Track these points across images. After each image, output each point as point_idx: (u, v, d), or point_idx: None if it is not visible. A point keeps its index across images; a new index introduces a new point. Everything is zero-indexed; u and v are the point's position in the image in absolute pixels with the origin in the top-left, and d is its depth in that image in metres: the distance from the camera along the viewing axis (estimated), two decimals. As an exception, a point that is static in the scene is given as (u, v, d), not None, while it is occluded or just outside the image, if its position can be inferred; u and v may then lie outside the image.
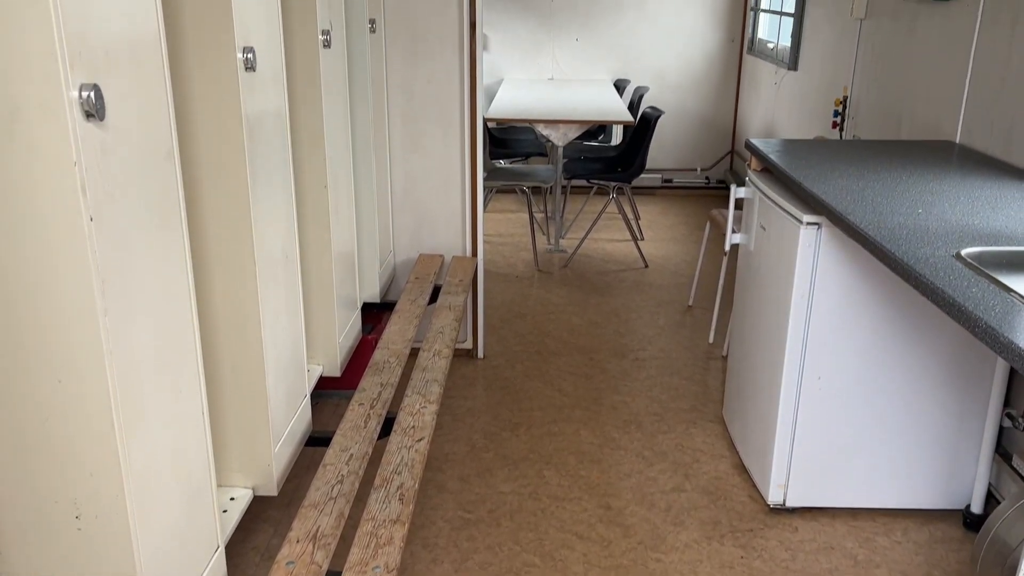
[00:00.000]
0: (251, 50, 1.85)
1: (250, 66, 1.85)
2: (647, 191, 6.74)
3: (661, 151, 6.72)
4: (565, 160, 5.36)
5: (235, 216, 1.94)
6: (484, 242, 5.36)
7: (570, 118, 4.95)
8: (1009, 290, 1.61)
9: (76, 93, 1.21)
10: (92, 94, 1.23)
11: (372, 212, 3.25)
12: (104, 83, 1.28)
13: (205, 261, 1.98)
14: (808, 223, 2.41)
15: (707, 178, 6.80)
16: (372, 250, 3.29)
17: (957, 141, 3.05)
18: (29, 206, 1.24)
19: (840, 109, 4.18)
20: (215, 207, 1.93)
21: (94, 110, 1.24)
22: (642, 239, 5.52)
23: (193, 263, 1.97)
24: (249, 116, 1.89)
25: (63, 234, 1.25)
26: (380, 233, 3.41)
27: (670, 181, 6.82)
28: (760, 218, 2.80)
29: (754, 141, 3.02)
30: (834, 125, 4.22)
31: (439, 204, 3.60)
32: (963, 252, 1.81)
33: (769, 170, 2.85)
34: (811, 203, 2.38)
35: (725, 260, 3.86)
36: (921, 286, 1.70)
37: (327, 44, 2.49)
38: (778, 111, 5.44)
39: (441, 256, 3.64)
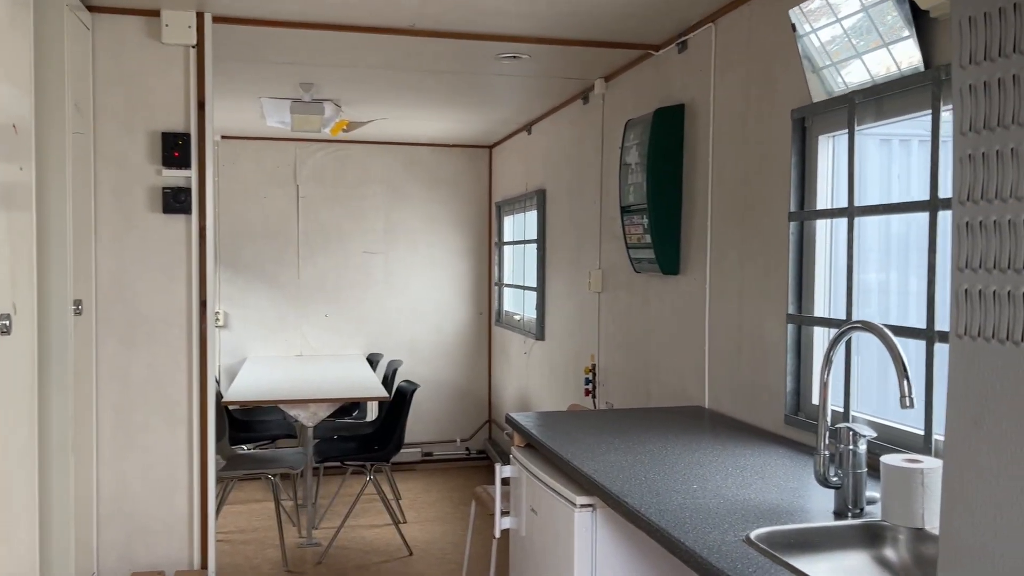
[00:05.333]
0: None
1: None
2: (407, 467, 6.40)
3: (419, 424, 6.50)
4: (316, 441, 4.94)
5: None
6: (221, 545, 4.65)
7: (320, 396, 4.62)
8: (812, 580, 1.44)
9: None
10: None
11: (67, 529, 2.61)
12: None
13: None
14: (582, 505, 2.21)
15: (467, 449, 6.62)
16: (65, 577, 2.60)
17: (706, 406, 3.10)
18: None
19: (590, 377, 4.24)
20: None
21: None
22: (404, 522, 5.09)
23: None
24: None
25: None
26: (79, 553, 2.74)
27: (430, 454, 6.55)
28: (529, 499, 2.57)
29: (514, 415, 2.86)
30: (587, 392, 4.26)
31: (160, 510, 3.02)
32: (752, 535, 1.66)
33: (534, 445, 2.67)
34: (583, 482, 2.19)
35: (495, 544, 3.54)
36: (720, 582, 1.49)
37: (6, 331, 2.05)
38: (531, 379, 5.50)
39: (161, 573, 2.99)
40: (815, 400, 2.48)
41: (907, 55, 2.07)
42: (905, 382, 1.55)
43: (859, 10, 2.13)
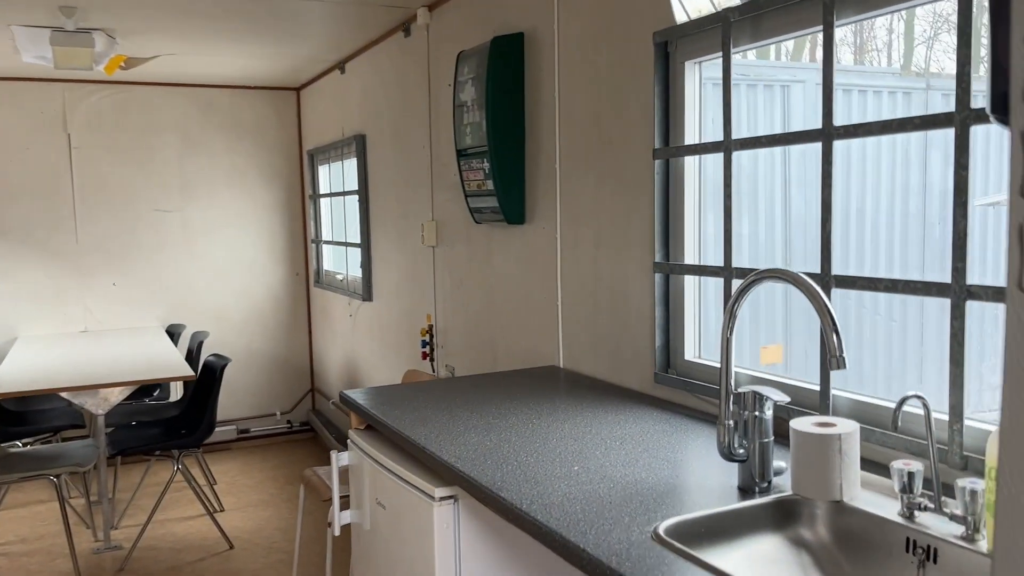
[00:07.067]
0: None
1: None
2: (221, 447, 5.79)
3: (232, 399, 5.89)
4: (111, 429, 4.27)
5: None
6: (-3, 560, 3.92)
7: (111, 380, 3.96)
8: (749, 586, 1.19)
9: None
10: None
11: None
12: None
13: None
14: (442, 498, 1.88)
15: (289, 422, 6.09)
16: None
17: (561, 366, 2.84)
18: None
19: (427, 339, 3.88)
20: None
21: None
22: (221, 511, 4.54)
23: None
24: None
25: None
26: None
27: (247, 431, 5.96)
28: (375, 491, 2.20)
29: (349, 394, 2.46)
30: (424, 356, 3.90)
31: None
32: (661, 530, 1.38)
33: (376, 428, 2.30)
34: (442, 471, 1.85)
35: (330, 533, 3.14)
36: (638, 598, 1.21)
37: None
38: (359, 344, 5.06)
39: (-98, 624, 2.36)
40: (688, 355, 2.27)
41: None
42: (835, 337, 1.32)
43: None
